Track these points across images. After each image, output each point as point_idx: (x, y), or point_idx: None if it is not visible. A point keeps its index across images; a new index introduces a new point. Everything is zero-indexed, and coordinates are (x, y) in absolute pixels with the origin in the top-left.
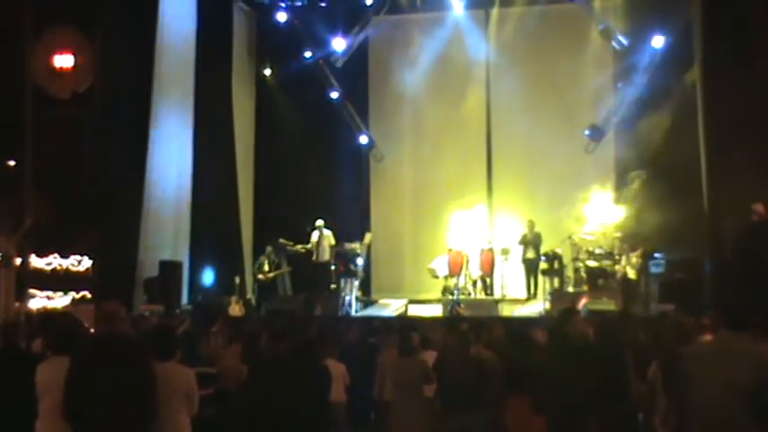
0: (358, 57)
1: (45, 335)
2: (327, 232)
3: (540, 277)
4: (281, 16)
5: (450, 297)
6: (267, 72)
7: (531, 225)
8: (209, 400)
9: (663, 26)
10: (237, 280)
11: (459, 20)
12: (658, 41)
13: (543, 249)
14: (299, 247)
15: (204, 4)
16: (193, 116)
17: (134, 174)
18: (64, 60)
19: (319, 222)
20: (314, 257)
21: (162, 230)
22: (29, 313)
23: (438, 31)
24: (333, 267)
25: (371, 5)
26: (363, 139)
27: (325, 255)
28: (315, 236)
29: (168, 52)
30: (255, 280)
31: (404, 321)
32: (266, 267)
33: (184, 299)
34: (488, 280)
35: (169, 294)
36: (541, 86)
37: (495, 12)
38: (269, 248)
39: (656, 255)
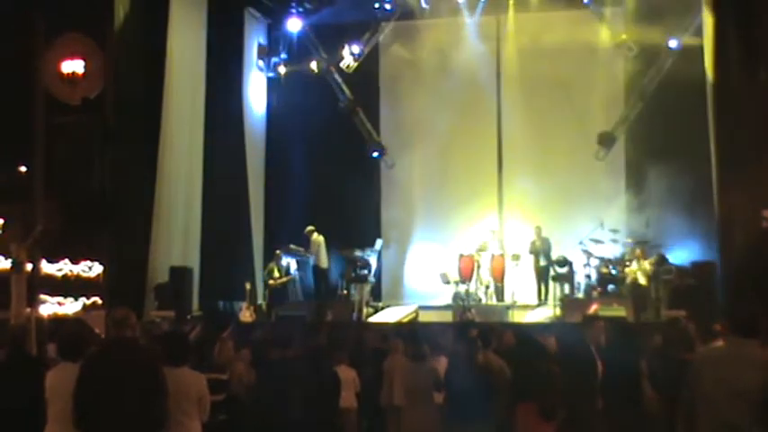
0: (369, 63)
1: (56, 341)
2: (320, 237)
3: (551, 283)
4: (294, 24)
5: (461, 303)
6: (278, 78)
7: (539, 231)
8: (220, 405)
9: (674, 32)
10: (248, 286)
11: (470, 26)
12: (670, 44)
13: (554, 255)
14: (304, 252)
15: (215, 10)
16: (204, 121)
17: (145, 180)
18: (74, 66)
19: (310, 228)
20: (317, 263)
21: (172, 236)
22: (39, 319)
23: (449, 38)
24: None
25: (382, 12)
26: (373, 146)
27: (323, 260)
28: (314, 242)
29: (179, 58)
30: (266, 286)
31: (414, 327)
32: (276, 273)
33: (195, 305)
34: (499, 285)
35: (180, 300)
36: (552, 92)
37: (506, 18)
38: (278, 253)
39: (667, 261)
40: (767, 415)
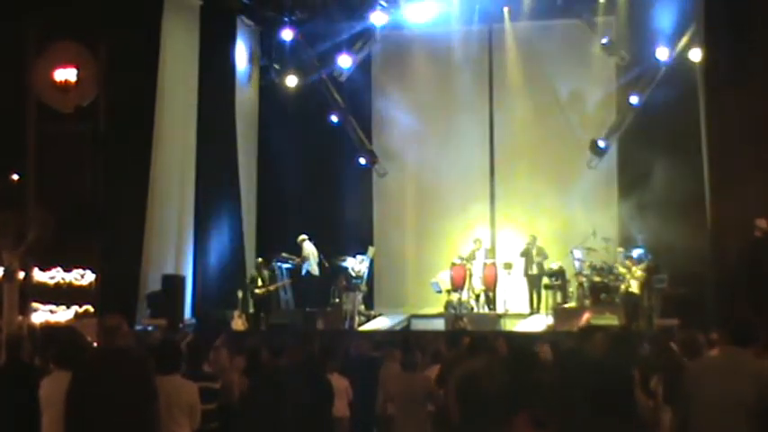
0: (361, 72)
1: (49, 349)
2: (311, 245)
3: (543, 292)
4: (286, 33)
5: (453, 311)
6: (270, 86)
7: (533, 240)
8: (211, 414)
9: (665, 41)
10: (240, 294)
11: (462, 35)
12: (662, 54)
13: (547, 263)
14: (297, 260)
15: (207, 18)
16: (196, 130)
17: (137, 188)
18: (67, 74)
19: (303, 236)
20: (309, 271)
21: (165, 244)
22: (32, 327)
23: (441, 47)
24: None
25: (378, 21)
26: (366, 155)
27: (315, 268)
28: (306, 250)
29: (171, 66)
30: (252, 295)
31: (406, 336)
32: (259, 282)
33: (187, 313)
34: (491, 294)
35: (172, 308)
36: (544, 101)
37: (498, 27)
38: (260, 261)
39: (660, 270)
40: (763, 425)
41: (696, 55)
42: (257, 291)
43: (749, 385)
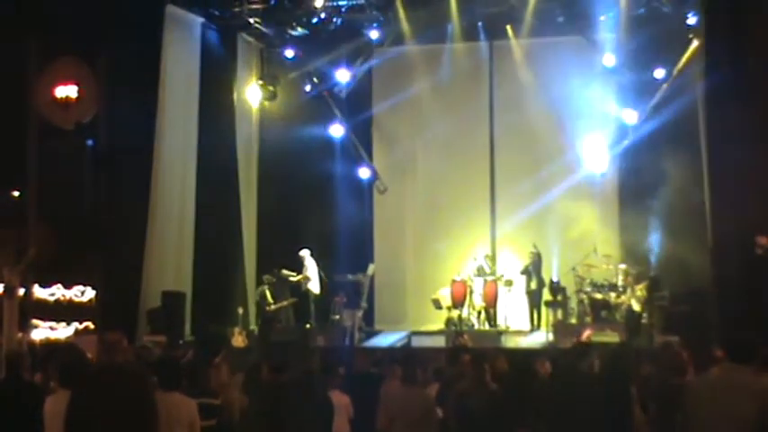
0: (362, 88)
1: (49, 367)
2: (313, 261)
3: (544, 309)
4: (287, 51)
5: (454, 328)
6: (271, 103)
7: (533, 256)
8: (211, 431)
9: (666, 58)
10: (240, 311)
11: (462, 51)
12: (662, 71)
13: (546, 278)
14: (300, 277)
15: (208, 34)
16: (197, 146)
17: (137, 204)
18: (67, 91)
19: (304, 252)
20: (306, 288)
21: (165, 261)
22: (32, 344)
23: (442, 63)
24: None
25: (375, 37)
26: (366, 172)
27: (316, 284)
28: (307, 266)
29: (172, 83)
30: (259, 310)
31: (407, 352)
32: (270, 299)
33: (187, 329)
34: (492, 311)
35: (172, 325)
36: (545, 118)
37: (499, 44)
38: (268, 277)
39: (661, 286)
40: None
41: (697, 72)
42: (268, 308)
43: (749, 402)
